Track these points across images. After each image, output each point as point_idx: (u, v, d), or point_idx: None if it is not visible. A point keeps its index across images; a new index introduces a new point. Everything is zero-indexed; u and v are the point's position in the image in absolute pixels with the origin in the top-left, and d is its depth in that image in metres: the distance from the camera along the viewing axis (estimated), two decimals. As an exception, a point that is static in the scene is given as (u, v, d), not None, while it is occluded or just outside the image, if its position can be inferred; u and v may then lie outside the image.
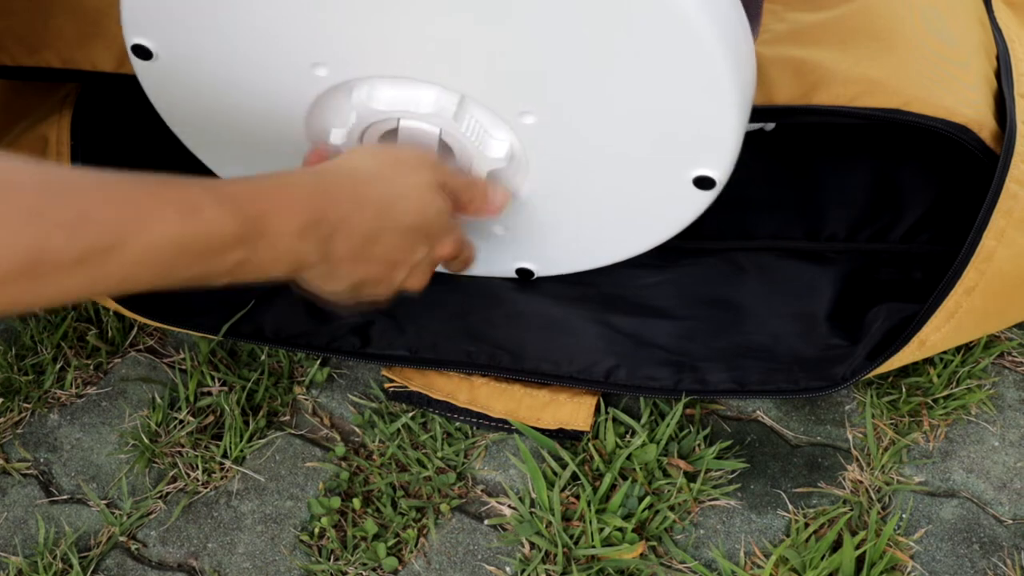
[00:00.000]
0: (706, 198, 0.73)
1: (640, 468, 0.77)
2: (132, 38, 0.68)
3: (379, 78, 0.68)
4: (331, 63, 0.67)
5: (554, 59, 0.63)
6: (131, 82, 0.74)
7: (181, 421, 0.83)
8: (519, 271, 0.87)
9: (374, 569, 0.75)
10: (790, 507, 0.77)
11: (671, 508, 0.77)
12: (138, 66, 0.71)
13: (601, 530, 0.74)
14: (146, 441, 0.82)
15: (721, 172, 0.70)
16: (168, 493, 0.80)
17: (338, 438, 0.83)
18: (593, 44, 0.61)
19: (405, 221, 0.63)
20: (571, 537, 0.75)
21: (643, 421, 0.80)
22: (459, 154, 0.72)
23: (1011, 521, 0.76)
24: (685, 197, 0.73)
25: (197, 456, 0.81)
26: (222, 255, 0.52)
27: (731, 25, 0.61)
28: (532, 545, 0.75)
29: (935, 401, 0.82)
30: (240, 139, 0.75)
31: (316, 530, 0.77)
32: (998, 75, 0.77)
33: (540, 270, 0.87)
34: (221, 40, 0.66)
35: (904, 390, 0.82)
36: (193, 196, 0.51)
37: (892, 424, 0.81)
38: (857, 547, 0.73)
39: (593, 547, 0.74)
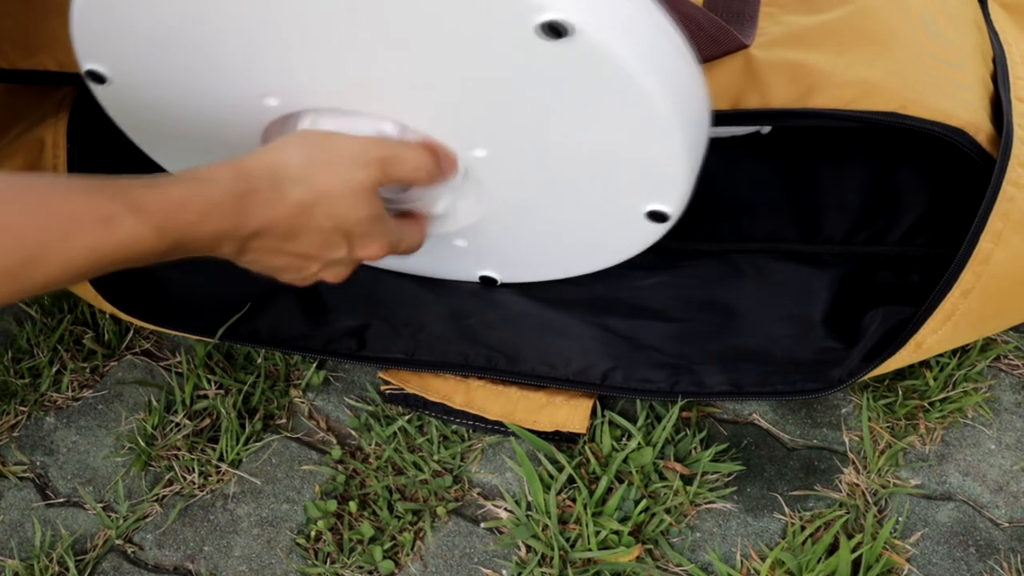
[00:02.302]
0: (661, 229, 0.73)
1: (636, 471, 0.77)
2: (85, 64, 0.69)
3: (325, 110, 0.67)
4: (280, 95, 0.67)
5: (499, 105, 0.63)
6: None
7: (177, 424, 0.83)
8: (482, 278, 0.87)
9: (370, 572, 0.75)
10: (786, 510, 0.77)
11: (667, 511, 0.77)
12: (94, 89, 0.72)
13: (597, 533, 0.74)
14: (142, 444, 0.82)
15: (674, 208, 0.70)
16: (164, 496, 0.80)
17: (334, 441, 0.83)
18: (537, 93, 0.61)
19: (326, 225, 0.62)
20: (567, 540, 0.75)
21: (639, 424, 0.80)
22: (412, 189, 0.72)
23: (1007, 524, 0.76)
24: (639, 227, 0.73)
25: (193, 459, 0.81)
26: (137, 260, 0.55)
27: (677, 74, 0.61)
28: (528, 548, 0.75)
29: (931, 404, 0.82)
30: (199, 154, 0.76)
31: (312, 533, 0.77)
32: (994, 78, 0.76)
33: (503, 278, 0.87)
34: (171, 69, 0.67)
35: (900, 393, 0.82)
36: (110, 208, 0.53)
37: (888, 427, 0.81)
38: (853, 550, 0.73)
39: (589, 550, 0.74)
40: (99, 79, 0.70)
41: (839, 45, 0.75)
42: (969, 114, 0.71)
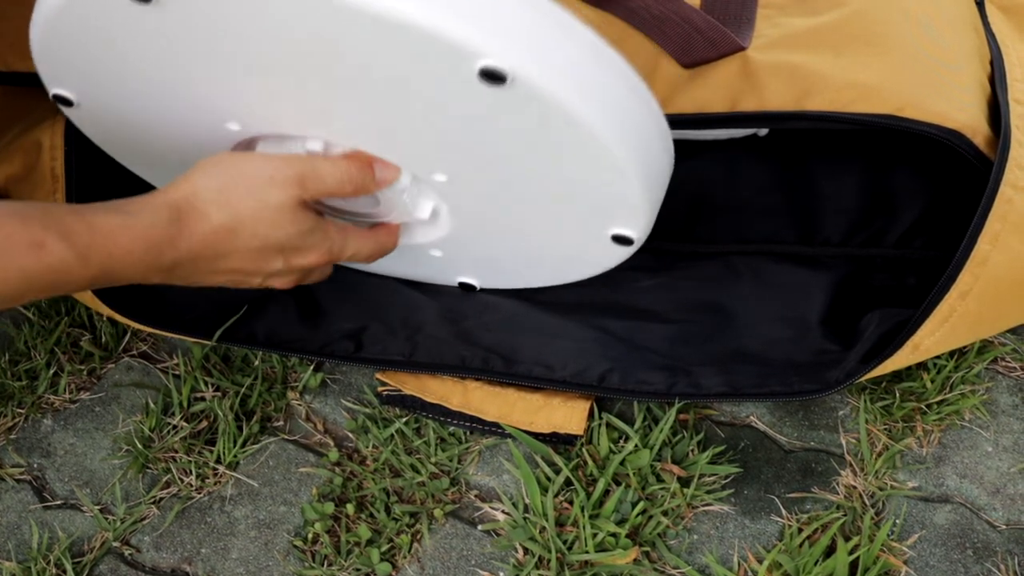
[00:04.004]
0: (628, 251, 0.74)
1: (634, 473, 0.77)
2: (51, 88, 0.69)
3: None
4: (240, 120, 0.67)
5: (453, 140, 0.63)
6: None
7: (175, 426, 0.83)
8: (461, 284, 0.88)
9: (367, 574, 0.75)
10: (783, 512, 0.77)
11: (664, 513, 0.76)
12: (64, 110, 0.73)
13: (594, 535, 0.74)
14: (140, 446, 0.82)
15: (638, 233, 0.71)
16: (162, 498, 0.80)
17: (332, 443, 0.83)
18: (487, 133, 0.62)
19: (253, 244, 0.63)
20: (564, 542, 0.75)
21: (636, 426, 0.80)
22: (383, 202, 0.72)
23: (1004, 526, 0.76)
24: (606, 249, 0.74)
25: (191, 461, 0.81)
26: (65, 287, 0.58)
27: (628, 111, 0.61)
28: (526, 550, 0.75)
29: (928, 406, 0.82)
30: (170, 167, 0.76)
31: (310, 535, 0.77)
32: (992, 81, 0.77)
33: (482, 284, 0.88)
34: (133, 94, 0.67)
35: (898, 395, 0.82)
36: (41, 235, 0.55)
37: (886, 429, 0.81)
38: (851, 552, 0.73)
39: (586, 552, 0.74)
40: (66, 102, 0.70)
41: (836, 47, 0.75)
42: (966, 116, 0.72)
